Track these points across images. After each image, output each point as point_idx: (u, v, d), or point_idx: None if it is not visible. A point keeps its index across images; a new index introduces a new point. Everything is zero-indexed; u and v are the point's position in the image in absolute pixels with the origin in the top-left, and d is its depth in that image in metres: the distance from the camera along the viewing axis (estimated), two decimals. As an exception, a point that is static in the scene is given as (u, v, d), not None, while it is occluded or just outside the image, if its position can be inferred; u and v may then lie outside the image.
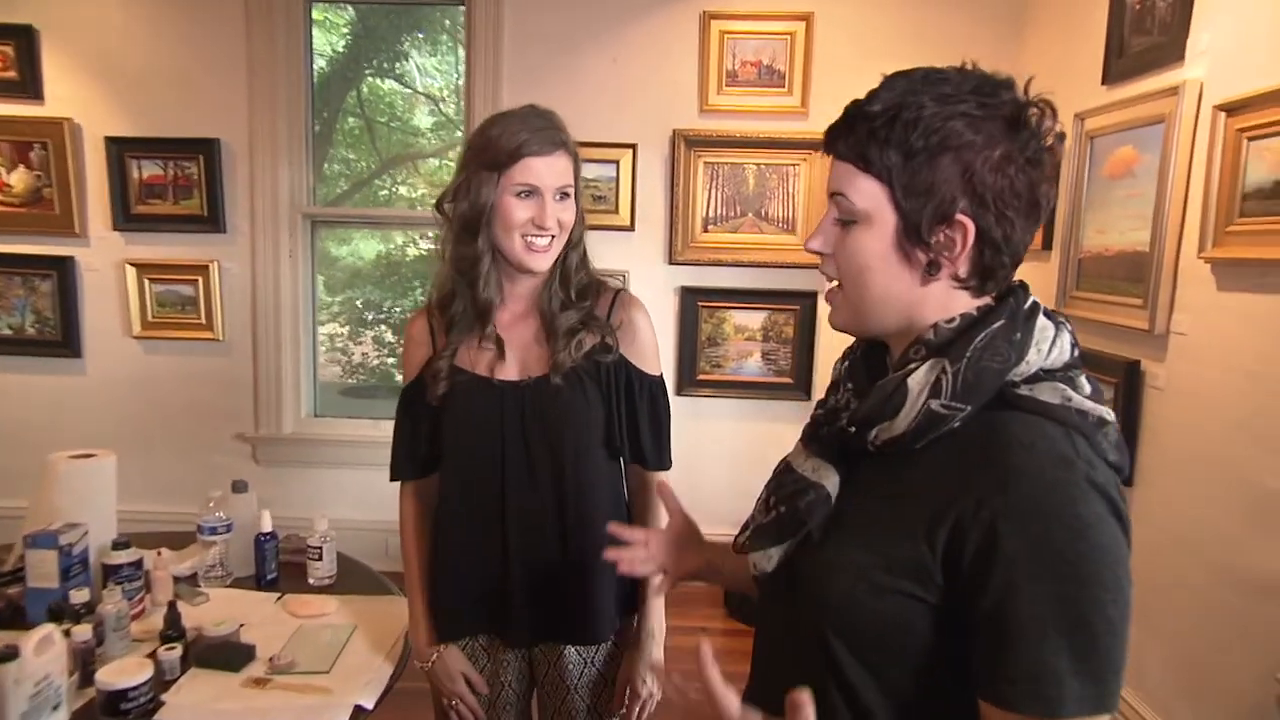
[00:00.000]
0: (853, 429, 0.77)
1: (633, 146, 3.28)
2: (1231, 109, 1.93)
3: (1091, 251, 2.51)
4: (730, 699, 0.68)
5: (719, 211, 3.34)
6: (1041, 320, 0.75)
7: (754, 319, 3.40)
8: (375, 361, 3.94)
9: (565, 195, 1.24)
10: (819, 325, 3.36)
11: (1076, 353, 0.76)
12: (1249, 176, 1.88)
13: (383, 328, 3.98)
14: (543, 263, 1.25)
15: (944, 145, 0.70)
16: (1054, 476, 0.67)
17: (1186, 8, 2.15)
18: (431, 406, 1.30)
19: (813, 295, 3.35)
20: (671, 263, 3.35)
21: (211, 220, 3.34)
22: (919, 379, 0.73)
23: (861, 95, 0.75)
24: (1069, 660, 0.64)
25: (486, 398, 1.27)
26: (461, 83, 3.50)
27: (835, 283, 0.81)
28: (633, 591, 1.36)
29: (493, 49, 3.25)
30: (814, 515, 0.79)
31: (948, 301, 0.76)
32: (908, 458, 0.74)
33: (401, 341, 3.85)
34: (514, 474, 1.27)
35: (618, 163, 3.30)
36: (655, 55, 3.27)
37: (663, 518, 1.37)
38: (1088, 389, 0.73)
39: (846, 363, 0.87)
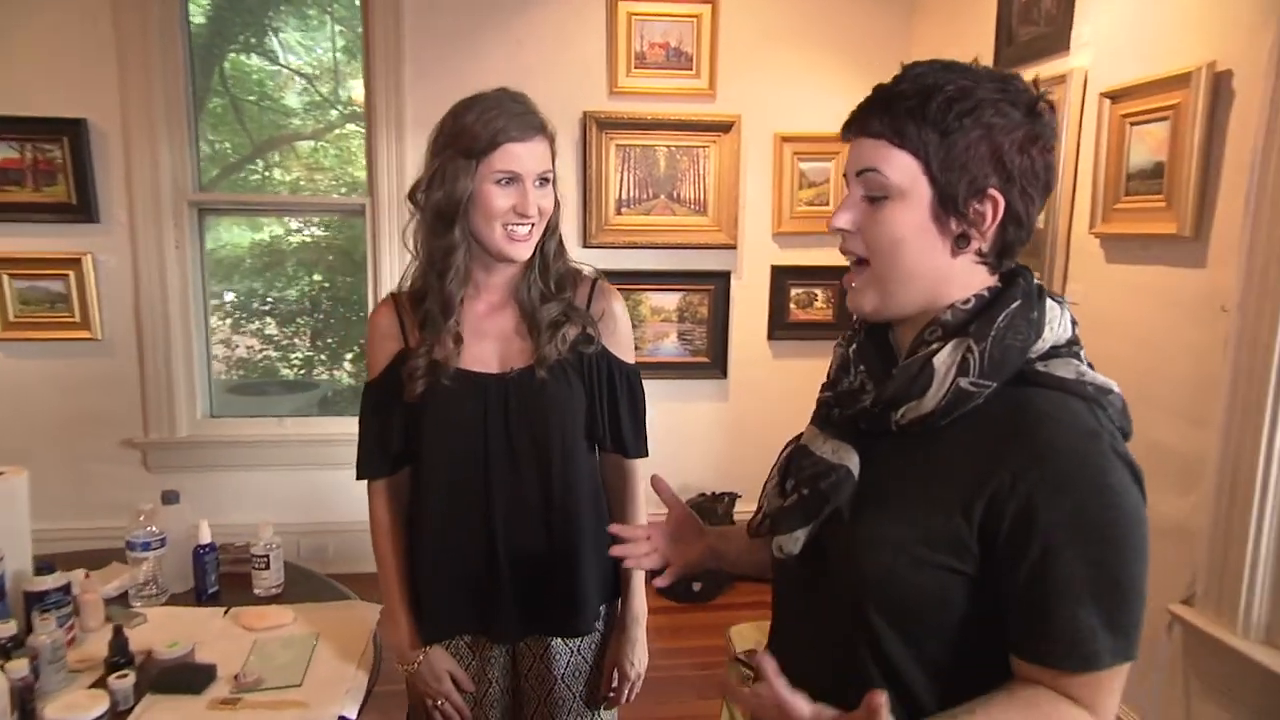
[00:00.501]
0: (877, 410, 0.80)
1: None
2: (1115, 96, 2.12)
3: (988, 228, 2.70)
4: (801, 703, 0.69)
5: (632, 194, 3.35)
6: (1049, 301, 0.80)
7: (669, 300, 3.44)
8: (259, 356, 3.72)
9: (545, 181, 1.22)
10: (733, 304, 3.45)
11: (1076, 329, 0.81)
12: (1132, 159, 2.07)
13: (266, 320, 3.76)
14: (524, 251, 1.22)
15: (977, 123, 0.74)
16: (1084, 449, 0.72)
17: (1069, 1, 2.33)
18: (404, 402, 1.26)
19: (725, 275, 3.43)
20: (586, 245, 3.34)
21: (82, 209, 3.05)
22: (944, 358, 0.76)
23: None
24: (1103, 617, 0.70)
25: (469, 392, 1.24)
26: (334, 59, 3.33)
27: (855, 261, 0.83)
28: (614, 578, 1.37)
29: (393, 30, 3.11)
30: (840, 495, 0.81)
31: (968, 278, 0.79)
32: (932, 435, 0.78)
33: (289, 335, 3.70)
34: (499, 468, 1.25)
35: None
36: (562, 36, 3.23)
37: (640, 504, 1.39)
38: (1085, 362, 0.79)
39: (853, 346, 0.89)
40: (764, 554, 0.98)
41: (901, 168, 0.77)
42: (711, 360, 3.48)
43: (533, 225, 1.21)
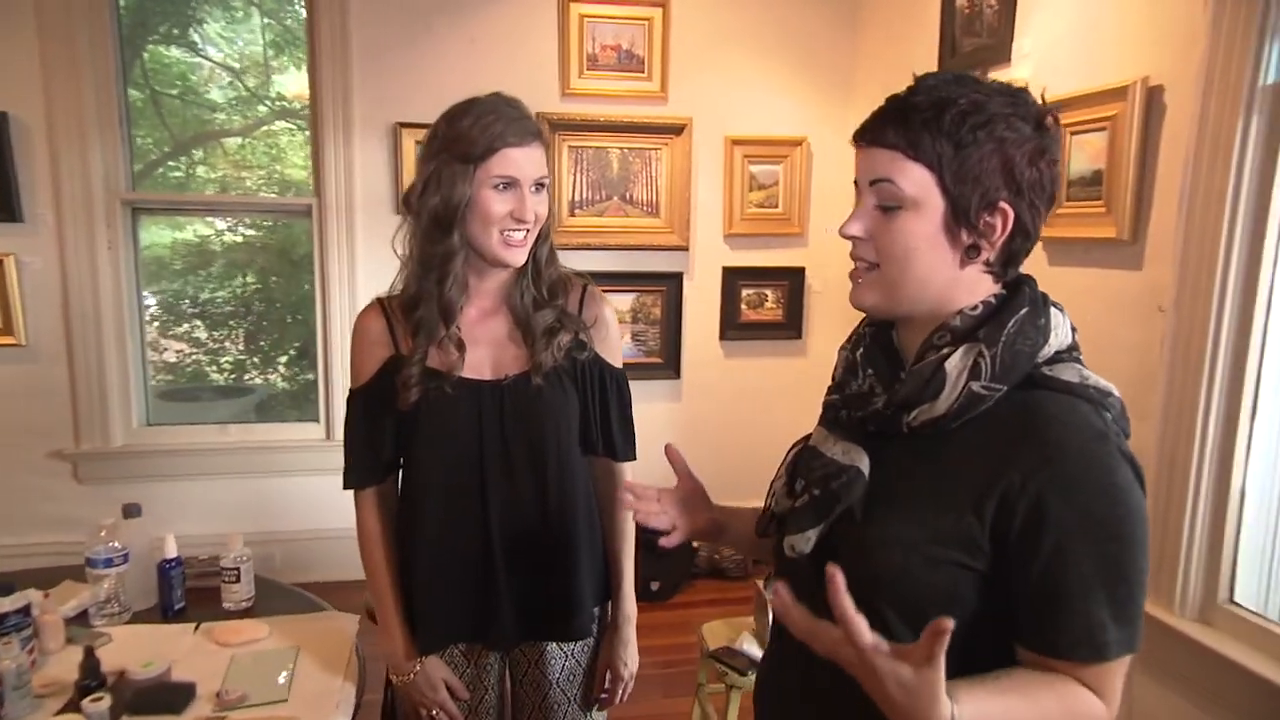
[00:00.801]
0: (889, 412, 0.82)
1: (495, 129, 3.21)
2: (1056, 107, 2.23)
3: (935, 231, 2.80)
4: (863, 626, 0.67)
5: (585, 195, 3.36)
6: (1052, 308, 0.83)
7: (623, 301, 3.46)
8: (189, 361, 3.57)
9: (541, 186, 1.22)
10: (685, 305, 3.49)
11: (1076, 335, 0.84)
12: (1073, 166, 2.18)
13: (195, 323, 3.61)
14: (520, 257, 1.22)
15: (990, 137, 0.76)
16: (1092, 449, 0.75)
17: (1010, 14, 2.44)
18: (393, 410, 1.24)
19: (678, 276, 3.47)
20: (540, 247, 3.32)
21: (4, 208, 2.88)
22: (956, 363, 0.78)
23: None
24: (1112, 610, 0.73)
25: (464, 399, 1.23)
26: (263, 53, 3.24)
27: (864, 265, 0.84)
28: (605, 580, 1.38)
29: (339, 27, 3.03)
30: (852, 494, 0.82)
31: (974, 286, 0.82)
32: (943, 437, 0.80)
33: (219, 339, 3.56)
34: (495, 474, 1.24)
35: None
36: (515, 37, 3.21)
37: (630, 525, 1.40)
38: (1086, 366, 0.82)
39: (860, 349, 0.91)
40: (765, 541, 1.00)
41: (916, 179, 0.78)
42: (665, 361, 3.52)
43: (528, 231, 1.21)
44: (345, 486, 1.31)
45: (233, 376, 3.60)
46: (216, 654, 1.40)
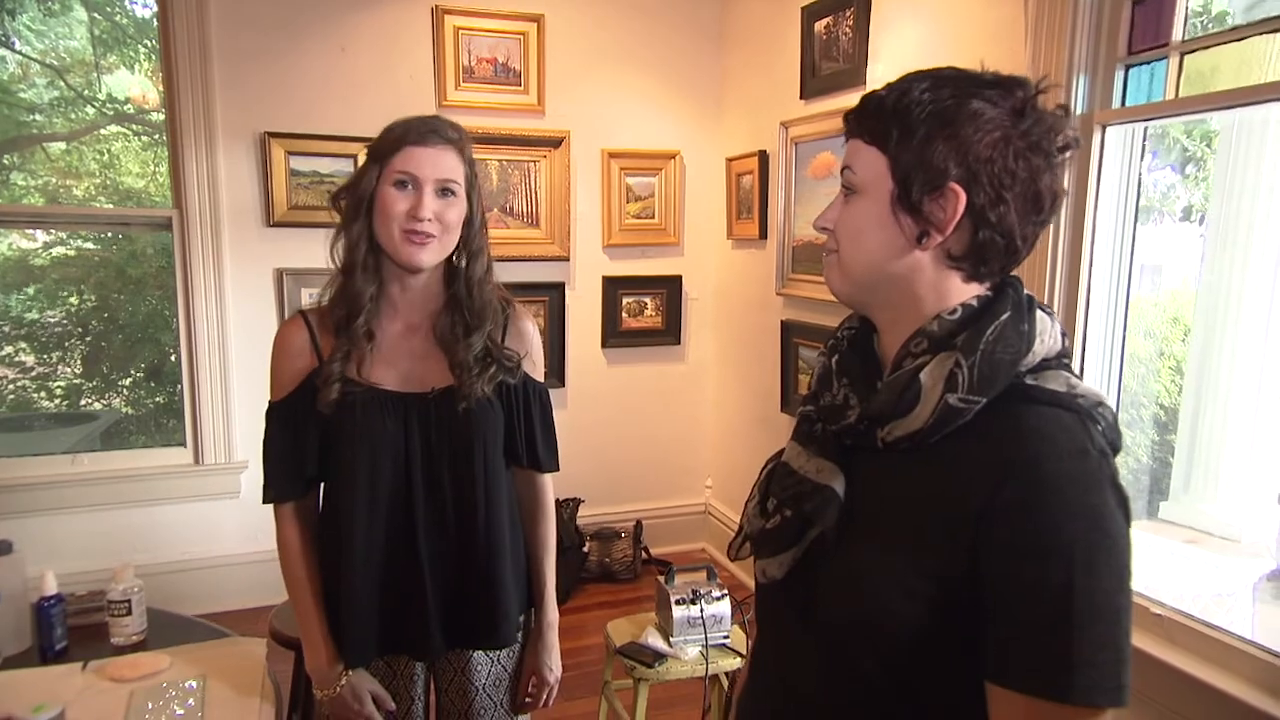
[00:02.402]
0: (862, 426, 0.77)
1: (369, 141, 3.15)
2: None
3: (802, 240, 3.01)
4: None
5: (465, 207, 3.35)
6: (1039, 312, 0.76)
7: (506, 312, 3.47)
8: (11, 389, 3.25)
9: (448, 191, 1.22)
10: (568, 316, 3.55)
11: (1067, 341, 0.79)
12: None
13: (21, 345, 3.31)
14: (422, 257, 1.21)
15: (942, 121, 0.73)
16: (1072, 468, 0.68)
17: (863, 43, 2.67)
18: (316, 420, 1.23)
19: (560, 286, 3.52)
20: (420, 259, 3.28)
21: None
22: (931, 373, 0.73)
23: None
24: (1083, 649, 0.65)
25: (390, 411, 1.24)
26: (93, 50, 3.04)
27: (829, 248, 0.83)
28: (528, 589, 1.42)
29: (197, 28, 2.88)
30: (825, 519, 0.77)
31: (940, 280, 0.77)
32: (919, 453, 0.74)
33: (61, 360, 3.26)
34: (420, 487, 1.25)
35: (355, 157, 3.14)
36: (388, 47, 3.17)
37: (550, 516, 1.44)
38: (1076, 373, 0.77)
39: (836, 356, 0.86)
40: None
41: (869, 163, 0.77)
42: (549, 369, 3.55)
43: (430, 234, 1.20)
44: (265, 500, 1.28)
45: (66, 403, 3.32)
46: (112, 691, 1.33)
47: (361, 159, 3.09)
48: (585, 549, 3.47)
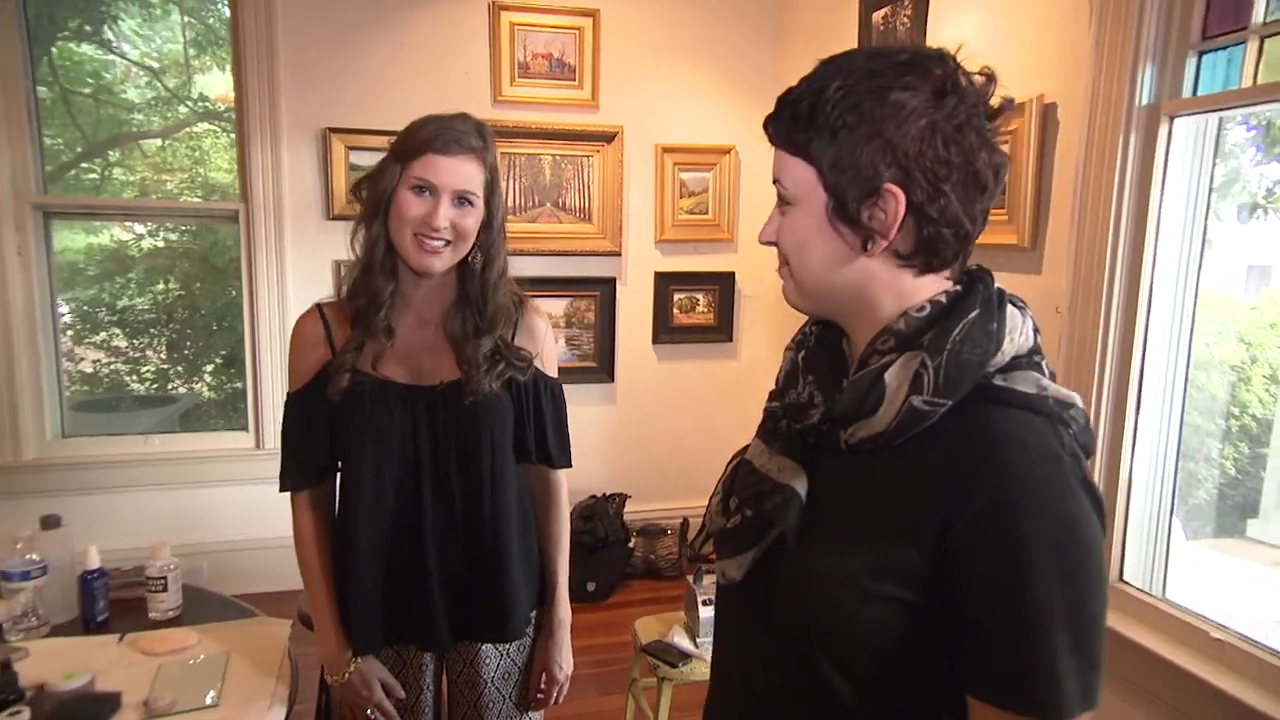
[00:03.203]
0: (825, 427, 0.74)
1: (426, 135, 3.21)
2: (962, 121, 2.37)
3: (855, 237, 2.93)
4: None
5: (518, 202, 3.38)
6: (1010, 309, 0.73)
7: (557, 306, 3.50)
8: (106, 371, 3.45)
9: (466, 201, 1.22)
10: (619, 310, 3.54)
11: (1039, 338, 0.76)
12: (978, 177, 2.32)
13: (114, 331, 3.50)
14: (435, 264, 1.22)
15: (863, 120, 0.69)
16: (1044, 473, 0.66)
17: (921, 33, 2.58)
18: (331, 411, 1.26)
19: (611, 281, 3.52)
20: (473, 253, 3.33)
21: (-97, 211, 2.76)
22: (896, 374, 0.70)
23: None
24: (1059, 656, 0.64)
25: (399, 403, 1.25)
26: (185, 52, 3.18)
27: (784, 264, 0.79)
28: (540, 584, 1.41)
29: (264, 27, 2.99)
30: (785, 519, 0.75)
31: (894, 281, 0.74)
32: (883, 454, 0.72)
33: (140, 347, 3.45)
34: (429, 479, 1.27)
35: (412, 151, 3.21)
36: (445, 43, 3.22)
37: (563, 511, 1.43)
38: (1048, 372, 0.74)
39: (802, 352, 0.83)
40: None
41: (796, 177, 0.74)
42: (599, 365, 3.56)
43: (447, 242, 1.21)
44: (281, 489, 1.32)
45: (155, 386, 3.50)
46: (143, 664, 1.39)
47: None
48: (630, 544, 3.47)
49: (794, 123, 0.72)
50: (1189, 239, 1.85)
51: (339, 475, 1.33)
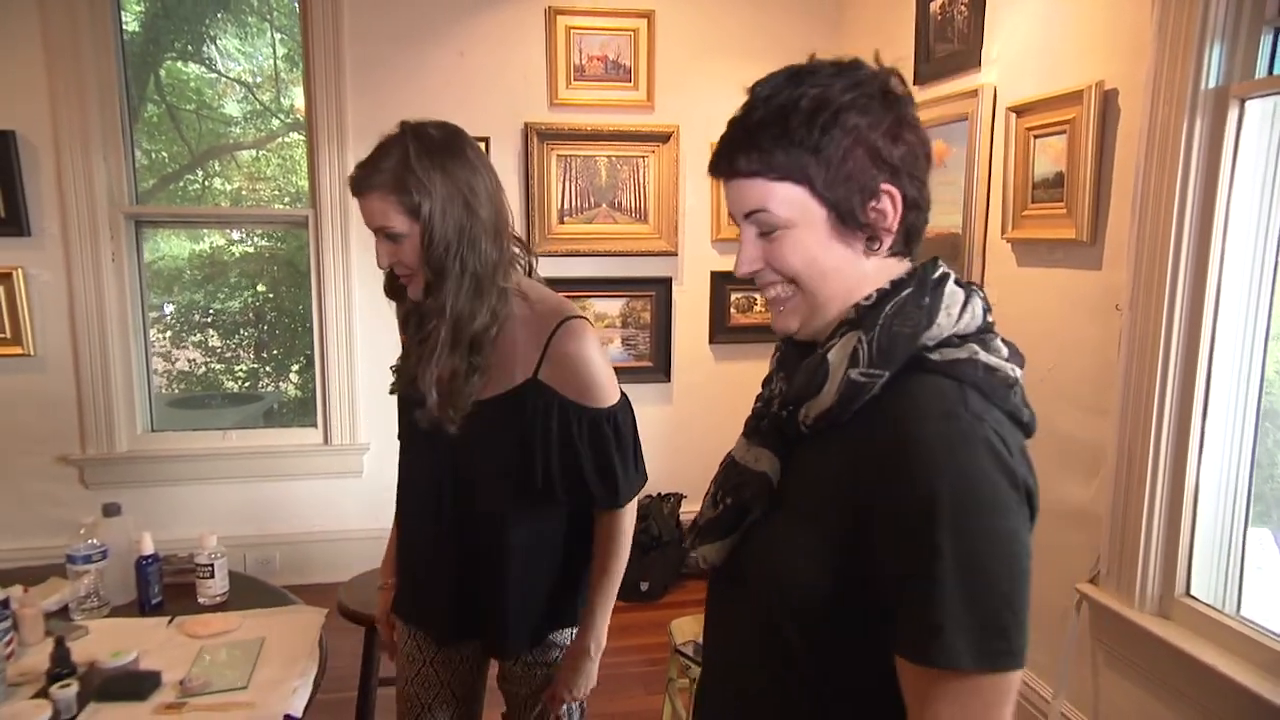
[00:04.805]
0: (785, 412, 0.79)
1: (485, 140, 3.29)
2: (1019, 110, 2.26)
3: (912, 234, 2.84)
4: None
5: (574, 203, 3.42)
6: (950, 287, 0.77)
7: (613, 306, 3.52)
8: (202, 369, 3.68)
9: (390, 237, 1.20)
10: (675, 310, 3.54)
11: (990, 317, 0.79)
12: (1037, 169, 2.21)
13: (209, 332, 3.73)
14: (411, 292, 1.25)
15: (845, 130, 0.72)
16: (936, 429, 0.69)
17: (979, 22, 2.48)
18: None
19: (667, 281, 3.52)
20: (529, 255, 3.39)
21: (12, 222, 2.99)
22: (837, 352, 0.75)
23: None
24: (943, 607, 0.65)
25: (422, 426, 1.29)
26: (275, 67, 3.34)
27: (778, 288, 0.80)
28: (571, 609, 1.39)
29: (332, 41, 3.13)
30: (758, 501, 0.80)
31: (882, 273, 0.78)
32: (836, 433, 0.76)
33: (232, 347, 3.66)
34: (448, 495, 1.31)
35: (470, 156, 3.29)
36: (503, 49, 3.29)
37: (612, 556, 1.33)
38: (1004, 351, 0.77)
39: (778, 355, 0.89)
40: None
41: (788, 200, 0.75)
42: (655, 364, 3.57)
43: (405, 274, 1.23)
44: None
45: (246, 384, 3.71)
46: (187, 645, 1.47)
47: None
48: (686, 544, 3.45)
49: (770, 150, 0.74)
50: (1263, 230, 1.71)
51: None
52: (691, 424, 3.59)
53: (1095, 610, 2.02)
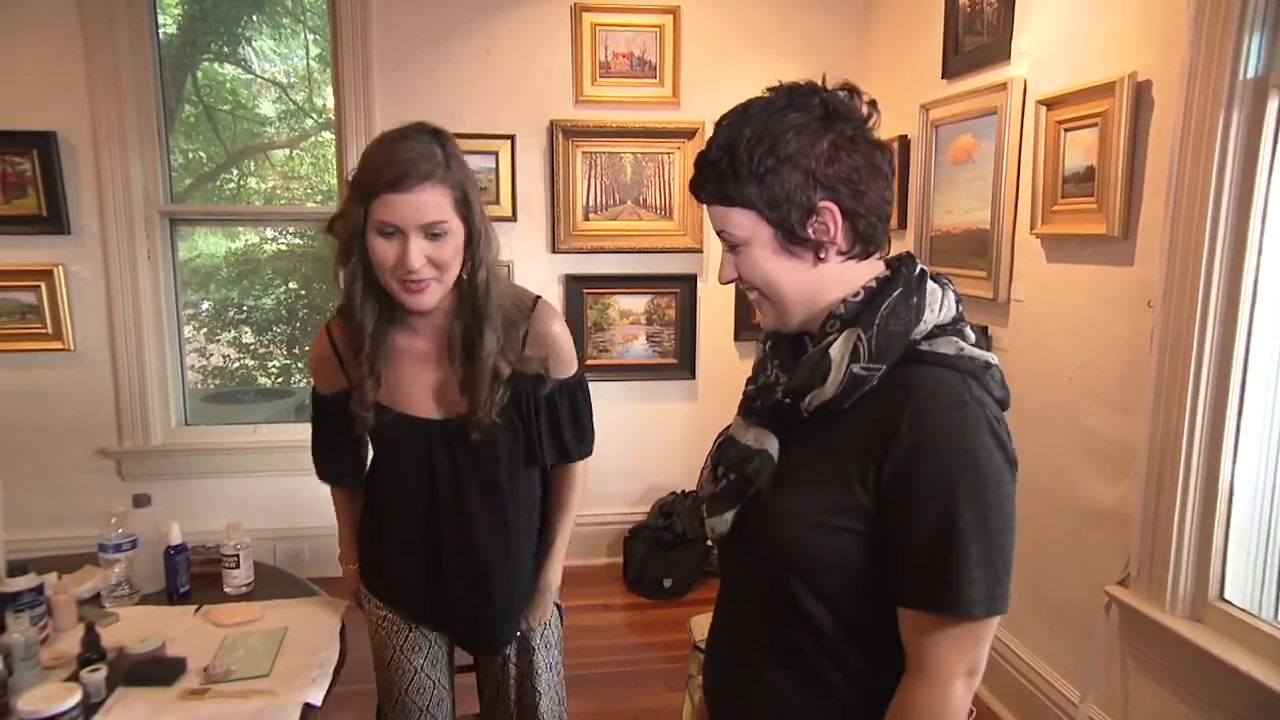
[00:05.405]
0: (788, 400, 0.89)
1: (511, 137, 3.31)
2: (1049, 103, 2.22)
3: (941, 229, 2.80)
4: None
5: (599, 200, 3.43)
6: (930, 284, 0.89)
7: (637, 303, 3.52)
8: (236, 364, 3.75)
9: (436, 234, 1.15)
10: (699, 306, 3.53)
11: (960, 308, 0.92)
12: (1066, 163, 2.17)
13: (244, 329, 3.80)
14: (423, 301, 1.18)
15: (780, 159, 0.83)
16: (949, 417, 0.82)
17: (1009, 13, 2.43)
18: (354, 432, 1.32)
19: (692, 278, 3.51)
20: (555, 251, 3.41)
21: (53, 220, 3.08)
22: (839, 348, 0.86)
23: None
24: (967, 566, 0.80)
25: (414, 436, 1.30)
26: (307, 67, 3.39)
27: (753, 293, 0.93)
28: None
29: (360, 40, 3.17)
30: (761, 476, 0.91)
31: (844, 275, 0.89)
32: (836, 417, 0.87)
33: (265, 344, 3.74)
34: (448, 509, 1.32)
35: (497, 154, 3.32)
36: (529, 47, 3.30)
37: (574, 499, 1.46)
38: (972, 337, 0.89)
39: (769, 342, 0.99)
40: None
41: (740, 223, 0.87)
42: (680, 361, 3.56)
43: (428, 279, 1.16)
44: (320, 478, 1.41)
45: (279, 380, 3.78)
46: (212, 633, 1.51)
47: (504, 155, 3.28)
48: (709, 542, 3.45)
49: (721, 181, 0.87)
50: (1304, 225, 1.66)
51: (369, 464, 1.42)
52: (716, 421, 3.52)
53: (1125, 613, 1.98)
